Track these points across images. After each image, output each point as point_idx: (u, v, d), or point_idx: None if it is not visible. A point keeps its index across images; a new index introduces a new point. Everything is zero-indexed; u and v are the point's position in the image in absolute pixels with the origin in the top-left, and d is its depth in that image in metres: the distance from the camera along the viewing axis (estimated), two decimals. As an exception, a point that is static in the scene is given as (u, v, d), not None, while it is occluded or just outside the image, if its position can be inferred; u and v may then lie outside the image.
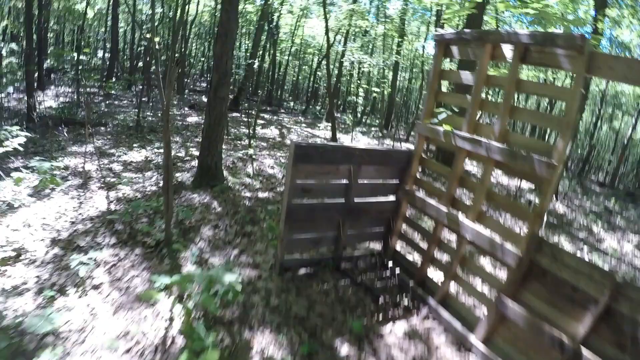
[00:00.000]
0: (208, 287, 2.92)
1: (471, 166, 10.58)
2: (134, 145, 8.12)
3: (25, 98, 10.42)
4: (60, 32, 20.78)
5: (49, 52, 11.21)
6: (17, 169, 6.32)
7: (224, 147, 8.88)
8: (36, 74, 13.46)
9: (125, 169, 6.63)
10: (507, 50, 3.11)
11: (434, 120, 3.80)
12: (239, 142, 9.84)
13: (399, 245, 4.47)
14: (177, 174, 6.51)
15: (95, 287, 3.55)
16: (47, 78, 15.19)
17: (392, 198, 4.24)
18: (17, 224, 4.52)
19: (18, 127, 4.01)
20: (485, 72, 3.31)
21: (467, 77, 3.52)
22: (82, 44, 18.04)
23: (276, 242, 4.34)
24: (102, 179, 5.84)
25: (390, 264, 4.30)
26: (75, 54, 9.70)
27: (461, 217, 3.42)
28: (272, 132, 12.14)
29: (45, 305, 3.36)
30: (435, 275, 4.16)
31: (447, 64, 12.30)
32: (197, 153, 5.93)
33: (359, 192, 3.98)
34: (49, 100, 11.77)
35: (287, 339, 3.11)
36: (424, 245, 4.10)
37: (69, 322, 3.17)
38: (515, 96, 4.14)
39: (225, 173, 6.45)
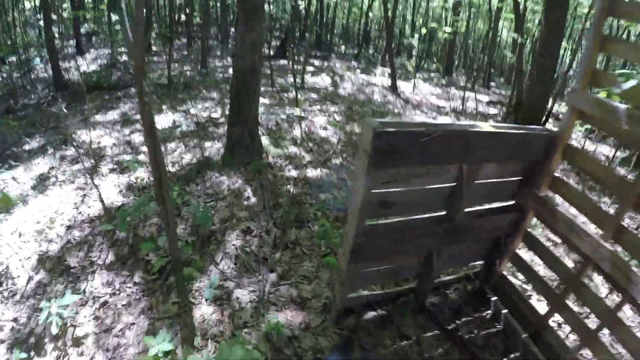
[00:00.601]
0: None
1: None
2: (163, 106, 6.95)
3: (64, 65, 9.77)
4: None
5: (87, 16, 10.46)
6: (29, 152, 5.51)
7: (267, 102, 7.44)
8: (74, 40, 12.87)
9: (148, 142, 5.50)
10: None
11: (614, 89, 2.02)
12: (286, 94, 8.27)
13: (507, 271, 2.89)
14: (207, 144, 5.21)
15: (77, 343, 2.47)
16: (89, 42, 14.59)
17: (508, 203, 2.58)
18: (8, 232, 3.61)
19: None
20: None
21: None
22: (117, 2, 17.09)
23: (332, 259, 2.91)
24: (114, 160, 4.76)
25: (492, 296, 2.80)
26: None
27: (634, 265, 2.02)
28: (324, 80, 10.33)
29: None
30: (559, 326, 2.67)
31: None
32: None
33: (471, 200, 2.32)
34: (85, 64, 11.02)
35: None
36: (548, 279, 2.72)
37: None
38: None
39: (265, 141, 5.02)
